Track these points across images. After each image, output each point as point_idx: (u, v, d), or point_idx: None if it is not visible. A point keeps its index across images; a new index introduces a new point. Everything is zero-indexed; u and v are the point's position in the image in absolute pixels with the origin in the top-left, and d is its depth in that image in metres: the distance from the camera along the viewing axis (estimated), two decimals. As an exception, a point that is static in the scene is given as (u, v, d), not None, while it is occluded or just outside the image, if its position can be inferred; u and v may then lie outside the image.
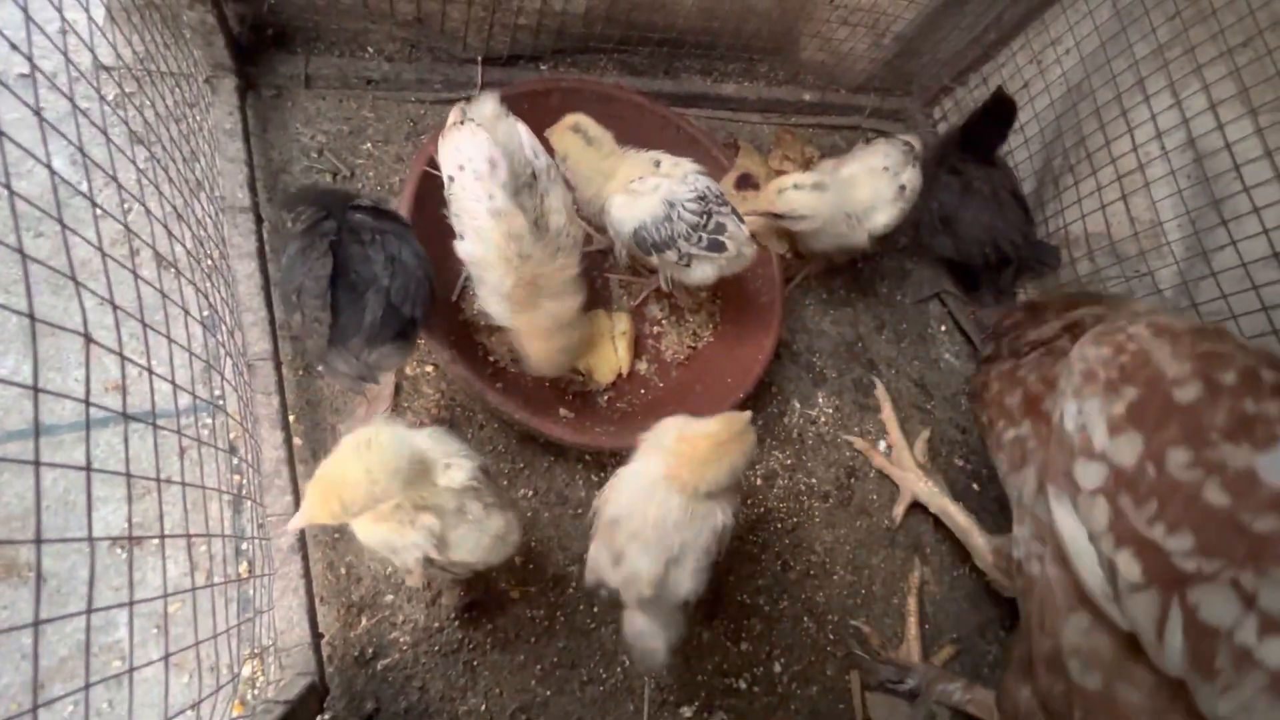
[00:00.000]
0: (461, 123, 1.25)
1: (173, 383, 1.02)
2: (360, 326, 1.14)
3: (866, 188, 1.74)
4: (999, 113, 1.93)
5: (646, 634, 1.11)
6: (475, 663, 1.33)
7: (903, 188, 1.73)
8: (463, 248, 1.26)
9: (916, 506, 1.77)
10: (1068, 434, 0.98)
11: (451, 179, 1.25)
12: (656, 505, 1.05)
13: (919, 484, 1.74)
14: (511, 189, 1.20)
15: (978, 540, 1.62)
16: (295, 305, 1.17)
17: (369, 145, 1.68)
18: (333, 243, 1.15)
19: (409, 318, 1.19)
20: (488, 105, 1.28)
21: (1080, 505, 0.95)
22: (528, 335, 1.31)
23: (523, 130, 1.29)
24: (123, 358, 0.86)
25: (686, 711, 1.41)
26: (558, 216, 1.26)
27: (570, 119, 1.48)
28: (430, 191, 1.48)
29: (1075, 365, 1.01)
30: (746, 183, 1.77)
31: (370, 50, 1.76)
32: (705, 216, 1.43)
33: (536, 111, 1.46)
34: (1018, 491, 1.25)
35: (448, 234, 1.53)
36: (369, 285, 1.15)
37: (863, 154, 1.80)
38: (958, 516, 1.67)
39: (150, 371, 0.97)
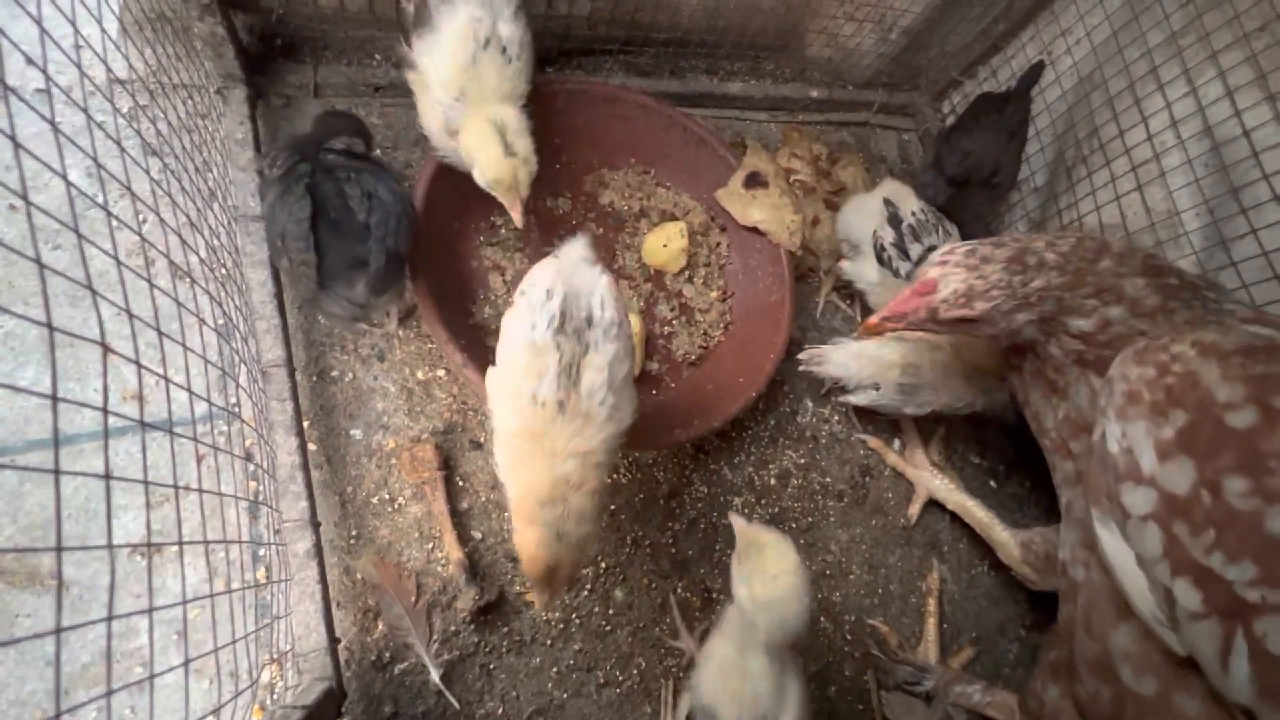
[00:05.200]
0: (554, 257, 1.19)
1: (189, 391, 1.03)
2: (347, 264, 1.19)
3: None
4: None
5: None
6: (491, 666, 1.33)
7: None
8: (491, 375, 1.15)
9: (932, 504, 1.75)
10: (1111, 455, 0.95)
11: (512, 302, 1.18)
12: None
13: (934, 481, 1.72)
14: (556, 325, 1.08)
15: (1001, 535, 1.59)
16: (281, 250, 1.21)
17: (377, 151, 1.69)
18: (309, 184, 1.19)
19: (393, 251, 1.23)
20: (577, 247, 1.19)
21: (1130, 530, 0.92)
22: (513, 504, 1.07)
23: (604, 282, 1.15)
24: (140, 366, 0.87)
25: (704, 713, 1.40)
26: (595, 374, 1.07)
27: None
28: (440, 197, 1.49)
29: (1116, 385, 0.96)
30: (755, 181, 1.76)
31: (377, 57, 1.77)
32: None
33: (541, 114, 1.46)
34: (1069, 499, 1.22)
35: (456, 237, 1.54)
36: (349, 222, 1.19)
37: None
38: (977, 512, 1.65)
39: (167, 380, 0.98)
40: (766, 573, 1.09)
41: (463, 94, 1.30)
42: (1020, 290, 1.14)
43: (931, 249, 1.65)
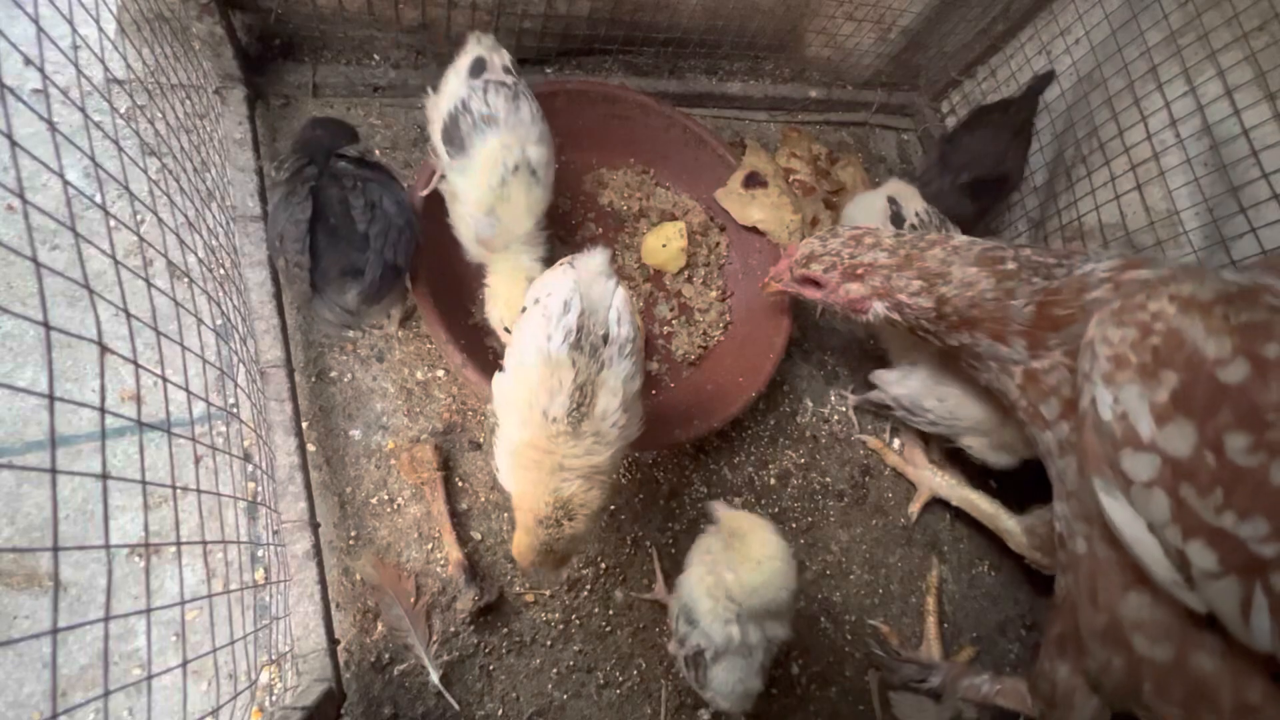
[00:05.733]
0: (570, 265, 1.18)
1: (187, 391, 1.02)
2: (340, 271, 1.20)
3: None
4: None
5: None
6: (491, 667, 1.32)
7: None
8: (498, 380, 1.14)
9: (932, 504, 1.75)
10: (1106, 424, 0.94)
11: (524, 309, 1.17)
12: None
13: (936, 479, 1.72)
14: (573, 340, 1.06)
15: (1007, 523, 1.59)
16: (279, 250, 1.23)
17: (377, 152, 1.69)
18: (313, 188, 1.20)
19: (391, 264, 1.23)
20: (596, 259, 1.17)
21: (1135, 498, 0.91)
22: (518, 510, 1.09)
23: (620, 296, 1.14)
24: (138, 366, 0.87)
25: (704, 714, 1.40)
26: (609, 397, 1.06)
27: None
28: (438, 197, 1.48)
29: (1099, 349, 0.95)
30: (754, 181, 1.76)
31: (376, 58, 1.77)
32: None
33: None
34: (1058, 470, 1.22)
35: (453, 239, 1.54)
36: (348, 230, 1.20)
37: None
38: (981, 503, 1.65)
39: (165, 380, 0.98)
40: (751, 559, 1.09)
41: (491, 210, 1.35)
42: (848, 261, 1.33)
43: None
